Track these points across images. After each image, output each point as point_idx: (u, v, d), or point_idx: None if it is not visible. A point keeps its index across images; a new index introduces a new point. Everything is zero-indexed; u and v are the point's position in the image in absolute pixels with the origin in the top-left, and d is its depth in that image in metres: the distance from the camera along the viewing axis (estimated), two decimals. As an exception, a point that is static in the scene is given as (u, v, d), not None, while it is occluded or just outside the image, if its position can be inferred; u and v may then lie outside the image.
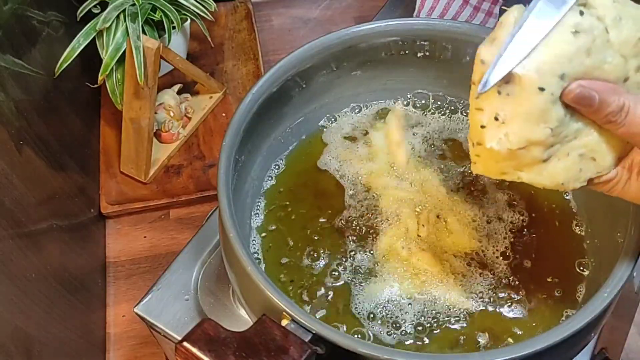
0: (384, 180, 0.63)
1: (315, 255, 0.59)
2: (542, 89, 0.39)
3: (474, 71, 0.42)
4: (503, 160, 0.43)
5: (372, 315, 0.56)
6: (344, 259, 0.59)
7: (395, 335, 0.54)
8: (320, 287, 0.57)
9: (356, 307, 0.56)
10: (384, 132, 0.67)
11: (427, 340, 0.54)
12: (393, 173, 0.64)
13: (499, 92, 0.40)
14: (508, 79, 0.40)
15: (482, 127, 0.42)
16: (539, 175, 0.43)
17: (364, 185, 0.64)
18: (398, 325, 0.55)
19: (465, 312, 0.56)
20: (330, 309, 0.56)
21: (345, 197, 0.63)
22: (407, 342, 0.54)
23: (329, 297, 0.57)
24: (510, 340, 0.54)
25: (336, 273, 0.58)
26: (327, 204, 0.63)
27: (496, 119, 0.41)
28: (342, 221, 0.61)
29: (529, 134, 0.41)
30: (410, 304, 0.56)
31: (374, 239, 0.60)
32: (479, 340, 0.54)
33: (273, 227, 0.61)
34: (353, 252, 0.59)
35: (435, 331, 0.55)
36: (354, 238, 0.60)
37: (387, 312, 0.56)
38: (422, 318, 0.55)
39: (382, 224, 0.61)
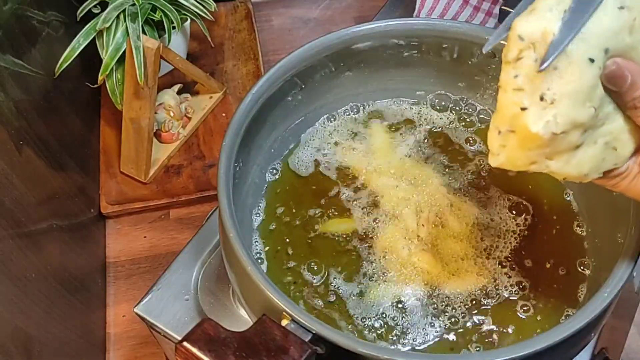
0: (383, 180, 0.63)
1: (315, 256, 0.59)
2: (592, 60, 0.37)
3: (509, 47, 0.39)
4: (538, 148, 0.39)
5: (372, 316, 0.55)
6: (345, 259, 0.59)
7: (395, 336, 0.54)
8: (320, 290, 0.57)
9: (356, 308, 0.56)
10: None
11: (427, 340, 0.54)
12: (393, 173, 0.64)
13: None
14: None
15: (523, 109, 0.38)
16: (567, 164, 0.41)
17: (364, 185, 0.64)
18: (398, 325, 0.55)
19: (465, 312, 0.56)
20: (331, 311, 0.56)
21: (344, 197, 0.63)
22: (406, 342, 0.54)
23: (330, 300, 0.57)
24: (510, 340, 0.54)
25: (336, 274, 0.58)
26: (327, 204, 0.63)
27: (542, 98, 0.38)
28: (343, 221, 0.61)
29: (576, 114, 0.38)
30: (410, 304, 0.56)
31: (374, 239, 0.60)
32: (479, 339, 0.54)
33: (273, 228, 0.61)
34: (353, 253, 0.59)
35: (435, 332, 0.55)
36: (354, 238, 0.60)
37: (387, 312, 0.56)
38: (422, 318, 0.55)
39: (382, 224, 0.61)
